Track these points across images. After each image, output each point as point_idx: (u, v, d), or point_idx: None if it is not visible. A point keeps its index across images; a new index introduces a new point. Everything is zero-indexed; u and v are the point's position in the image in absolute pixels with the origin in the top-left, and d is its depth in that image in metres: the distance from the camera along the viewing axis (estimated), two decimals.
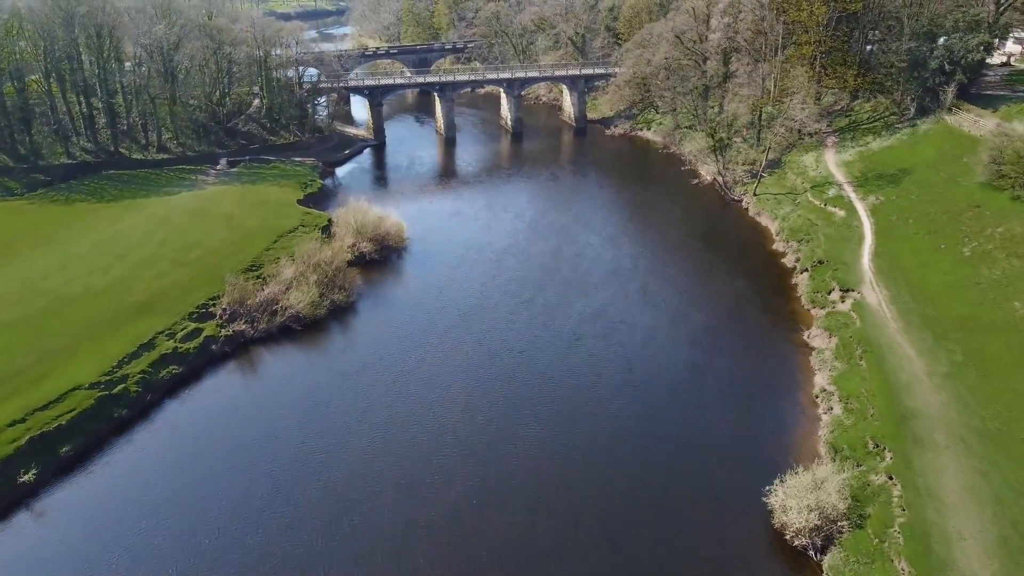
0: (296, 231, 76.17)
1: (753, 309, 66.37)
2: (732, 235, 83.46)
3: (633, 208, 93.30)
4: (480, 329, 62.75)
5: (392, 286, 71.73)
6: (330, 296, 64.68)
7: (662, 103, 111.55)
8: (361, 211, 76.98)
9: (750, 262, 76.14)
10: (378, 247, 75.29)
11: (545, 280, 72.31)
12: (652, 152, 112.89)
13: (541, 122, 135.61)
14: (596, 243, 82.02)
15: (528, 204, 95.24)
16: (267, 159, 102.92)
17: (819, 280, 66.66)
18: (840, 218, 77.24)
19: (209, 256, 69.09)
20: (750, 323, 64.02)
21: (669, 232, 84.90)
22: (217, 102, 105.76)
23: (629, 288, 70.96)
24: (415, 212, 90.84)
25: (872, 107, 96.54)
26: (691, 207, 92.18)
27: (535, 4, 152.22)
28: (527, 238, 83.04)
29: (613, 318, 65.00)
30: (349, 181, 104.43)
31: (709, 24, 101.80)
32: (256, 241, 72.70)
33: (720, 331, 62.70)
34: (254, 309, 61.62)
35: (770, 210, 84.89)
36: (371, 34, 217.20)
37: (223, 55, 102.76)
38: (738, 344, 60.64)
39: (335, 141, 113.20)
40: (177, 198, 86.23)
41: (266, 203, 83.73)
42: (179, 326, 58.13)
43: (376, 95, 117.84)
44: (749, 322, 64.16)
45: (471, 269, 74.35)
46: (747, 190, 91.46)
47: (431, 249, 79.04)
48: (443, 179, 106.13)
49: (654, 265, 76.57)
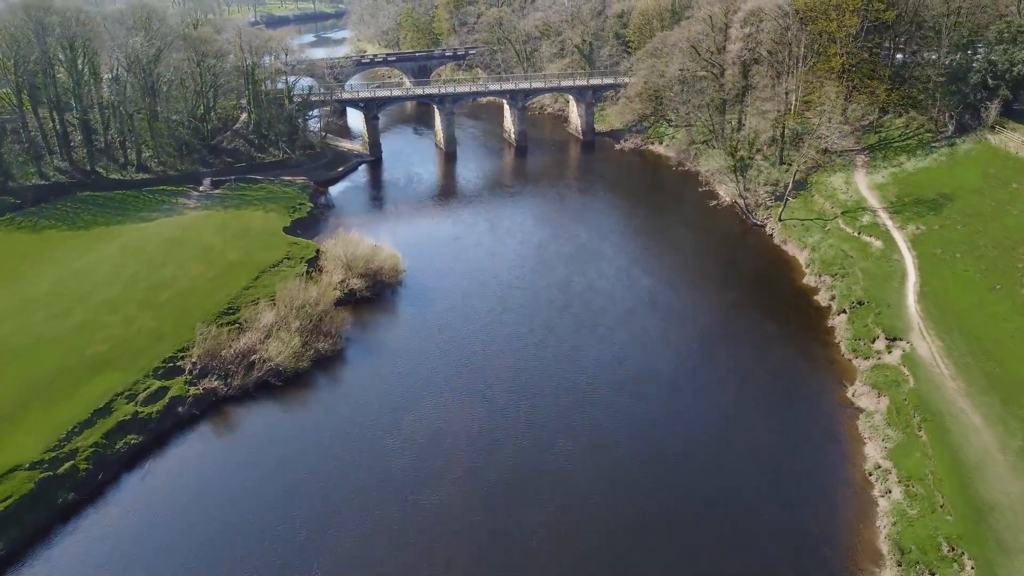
0: (280, 265, 69.38)
1: (786, 357, 59.46)
2: (757, 266, 76.54)
3: (647, 233, 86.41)
4: (484, 382, 55.96)
5: (385, 329, 64.91)
6: (314, 345, 57.88)
7: (676, 117, 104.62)
8: (352, 243, 70.19)
9: (779, 299, 69.25)
10: (370, 283, 68.48)
11: (555, 320, 65.54)
12: (665, 169, 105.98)
13: (546, 134, 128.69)
14: (609, 274, 75.24)
15: (534, 228, 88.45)
16: (254, 179, 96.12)
17: (860, 325, 59.75)
18: (877, 250, 70.33)
19: (181, 297, 62.32)
20: (784, 375, 57.11)
21: (688, 262, 78.04)
22: (201, 118, 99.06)
23: (647, 329, 64.22)
24: (412, 238, 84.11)
25: (904, 123, 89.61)
26: (710, 233, 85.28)
27: (539, 9, 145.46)
28: (534, 268, 76.28)
29: (631, 366, 58.26)
30: (342, 202, 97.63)
31: (727, 34, 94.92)
32: (235, 278, 65.93)
33: (751, 383, 55.85)
34: (228, 362, 54.83)
35: (798, 238, 77.97)
36: (370, 39, 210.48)
37: (207, 68, 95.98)
38: (772, 401, 53.78)
39: (328, 158, 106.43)
40: (154, 225, 79.49)
41: (249, 232, 76.93)
42: (142, 385, 51.35)
43: (372, 108, 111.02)
44: (783, 373, 57.26)
45: (473, 307, 67.57)
46: (771, 214, 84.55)
47: (429, 283, 72.23)
48: (442, 199, 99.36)
49: (673, 301, 69.73)
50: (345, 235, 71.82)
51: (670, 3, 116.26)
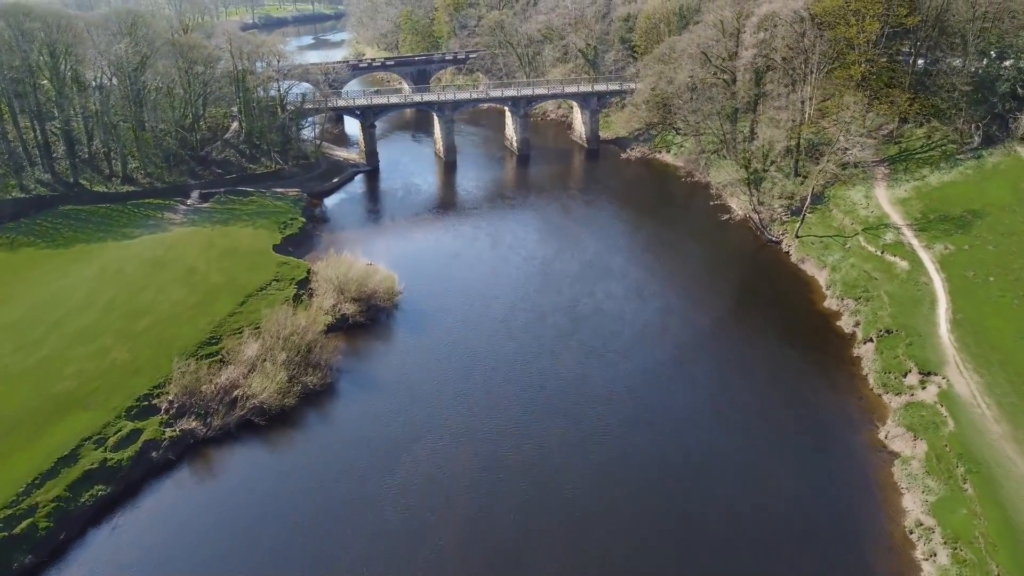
0: (268, 288, 65.21)
1: (809, 391, 55.24)
2: (774, 287, 72.28)
3: (657, 249, 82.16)
4: (485, 419, 51.84)
5: (379, 359, 60.69)
6: (302, 378, 53.70)
7: (685, 126, 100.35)
8: (344, 264, 65.99)
9: (799, 324, 65.02)
10: (364, 307, 64.28)
11: (561, 347, 61.42)
12: (673, 179, 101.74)
13: (549, 142, 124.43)
14: (617, 294, 71.12)
15: (538, 243, 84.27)
16: (245, 191, 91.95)
17: (889, 356, 55.50)
18: (903, 271, 66.09)
19: (160, 326, 58.14)
20: (808, 411, 52.86)
21: (700, 281, 73.80)
22: (189, 127, 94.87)
23: (659, 357, 60.14)
24: (409, 254, 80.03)
25: (926, 133, 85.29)
26: (723, 249, 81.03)
27: (542, 12, 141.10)
28: (538, 288, 72.13)
29: (643, 400, 54.19)
30: (337, 215, 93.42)
31: (739, 39, 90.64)
32: (219, 304, 61.76)
33: (772, 421, 51.65)
34: (208, 399, 50.67)
35: (816, 256, 73.73)
36: (369, 42, 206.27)
37: (195, 75, 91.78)
38: (796, 442, 49.60)
39: (322, 168, 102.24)
40: (136, 243, 75.32)
41: (236, 251, 72.73)
42: (112, 427, 47.19)
43: (368, 115, 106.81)
44: (807, 410, 53.01)
45: (474, 332, 63.42)
46: (787, 229, 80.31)
47: (427, 306, 68.03)
48: (442, 211, 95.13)
49: (686, 326, 65.56)
50: (337, 256, 67.55)
51: (678, 7, 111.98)
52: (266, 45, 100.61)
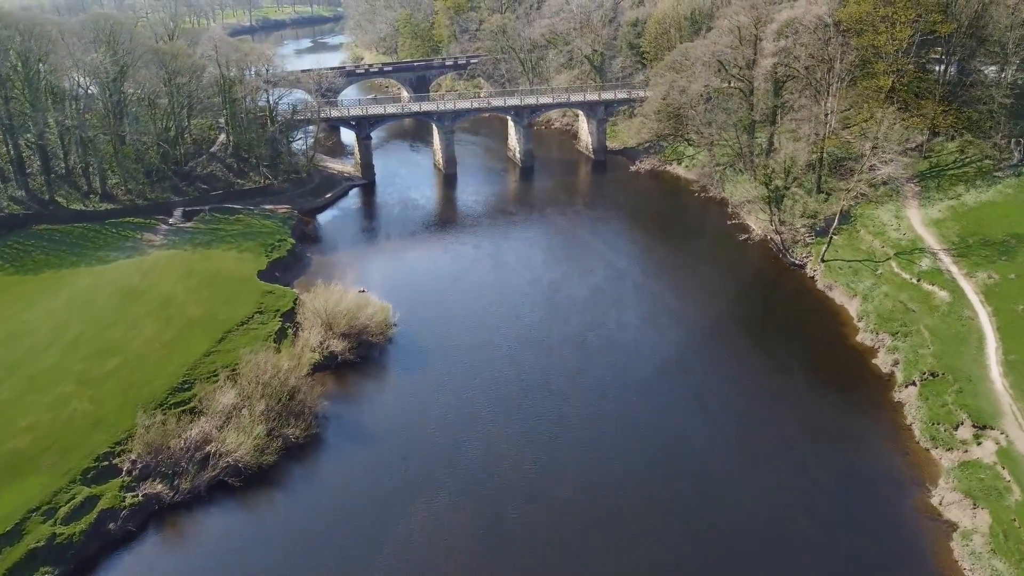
0: (250, 322, 59.74)
1: (846, 441, 49.63)
2: (800, 317, 66.66)
3: (671, 273, 76.54)
4: (488, 478, 46.43)
5: (371, 404, 55.15)
6: (283, 431, 48.19)
7: (699, 137, 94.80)
8: (334, 295, 60.44)
9: (830, 361, 59.45)
10: (354, 343, 58.74)
11: (571, 387, 55.99)
12: (686, 194, 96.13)
13: (554, 152, 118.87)
14: (630, 324, 65.72)
15: (543, 265, 78.77)
16: (231, 208, 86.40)
17: (936, 404, 49.90)
18: (943, 302, 60.49)
19: (129, 368, 52.65)
20: (846, 465, 47.20)
21: (720, 309, 68.20)
22: (173, 140, 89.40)
23: (677, 399, 54.91)
24: (405, 279, 74.61)
25: (958, 147, 79.72)
26: (742, 273, 75.47)
27: (546, 16, 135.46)
28: (544, 317, 66.70)
29: (661, 452, 48.90)
30: (329, 233, 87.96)
31: (758, 47, 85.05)
32: (195, 341, 56.27)
33: (805, 475, 46.26)
34: (177, 457, 45.20)
35: (845, 283, 68.13)
36: (367, 45, 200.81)
37: (178, 85, 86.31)
38: (835, 502, 44.07)
39: (315, 182, 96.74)
40: (111, 269, 69.85)
41: (217, 279, 67.24)
42: (65, 494, 41.71)
43: (364, 126, 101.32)
44: (845, 463, 47.37)
45: (476, 372, 57.93)
46: (811, 252, 74.74)
47: (424, 340, 62.54)
48: (441, 229, 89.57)
49: (706, 361, 60.16)
50: (326, 286, 61.97)
51: (689, 12, 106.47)
52: (255, 52, 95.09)
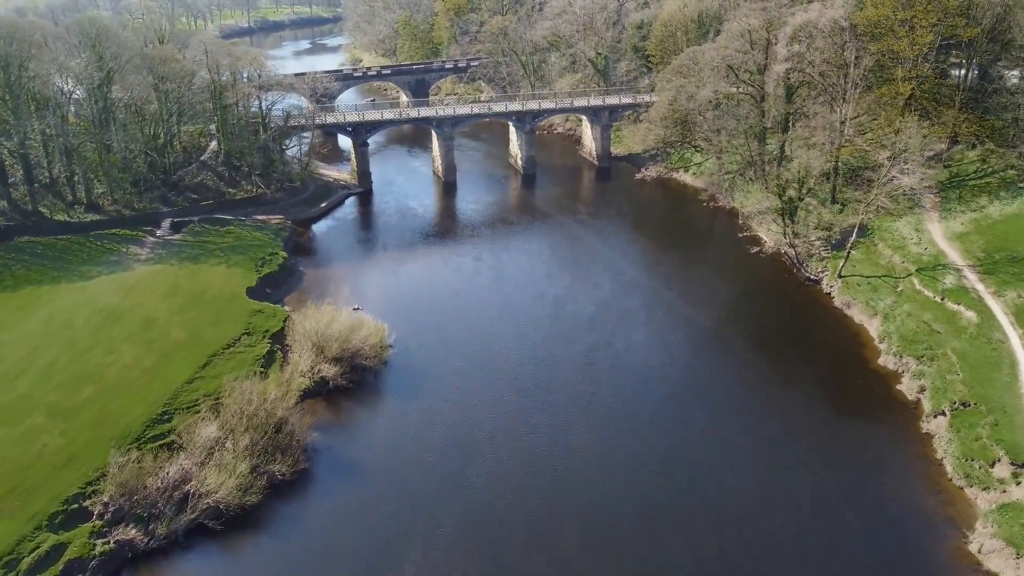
0: (237, 345, 56.45)
1: (871, 475, 46.36)
2: (817, 337, 63.28)
3: (680, 287, 73.06)
4: (489, 518, 43.21)
5: (363, 435, 51.85)
6: (268, 467, 44.90)
7: (707, 144, 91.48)
8: (325, 317, 57.10)
9: (850, 385, 56.14)
10: (347, 368, 55.39)
11: (578, 415, 52.86)
12: (694, 203, 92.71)
13: (556, 158, 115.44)
14: (640, 344, 62.58)
15: (546, 278, 75.50)
16: (222, 219, 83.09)
17: (969, 438, 46.57)
18: (970, 323, 57.15)
19: (105, 397, 49.37)
20: (873, 503, 43.97)
21: (733, 328, 64.91)
22: (161, 148, 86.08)
23: (694, 427, 51.94)
24: (402, 294, 71.38)
25: (979, 156, 76.34)
26: (755, 289, 72.19)
27: (548, 18, 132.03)
28: (549, 336, 63.55)
29: (677, 489, 45.76)
30: (323, 245, 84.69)
31: (770, 52, 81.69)
32: (177, 366, 52.99)
33: (830, 513, 43.06)
34: (153, 499, 41.91)
35: (864, 301, 64.77)
36: (366, 47, 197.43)
37: (166, 91, 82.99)
38: (862, 545, 40.87)
39: (310, 191, 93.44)
40: (93, 286, 66.57)
41: (204, 296, 63.99)
42: (29, 542, 38.44)
43: (360, 133, 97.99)
44: (871, 500, 44.15)
45: (477, 398, 54.67)
46: (827, 267, 71.41)
47: (421, 362, 59.25)
48: (440, 240, 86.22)
49: (720, 384, 57.05)
50: (317, 307, 58.69)
51: (696, 14, 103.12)
52: (246, 56, 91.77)
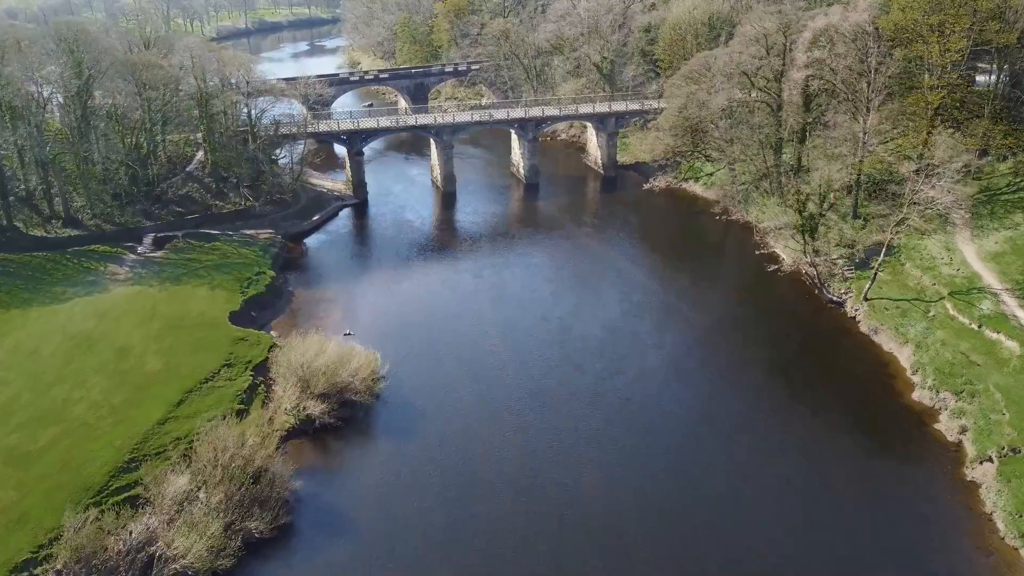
0: (216, 379, 51.98)
1: (911, 529, 42.05)
2: (842, 366, 58.72)
3: (694, 309, 68.38)
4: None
5: (352, 481, 47.29)
6: (245, 524, 40.41)
7: (720, 155, 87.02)
8: (312, 348, 52.55)
9: (882, 422, 51.63)
10: (335, 404, 50.87)
11: (586, 458, 48.53)
12: (705, 216, 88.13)
13: (560, 167, 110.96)
14: (653, 370, 58.53)
15: (551, 297, 71.14)
16: (208, 234, 78.70)
17: (1022, 489, 42.04)
18: (1013, 355, 52.60)
19: (68, 441, 44.88)
20: (915, 563, 39.49)
21: (751, 354, 60.50)
22: (144, 159, 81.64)
23: (715, 470, 47.64)
24: (397, 316, 66.95)
25: (1011, 169, 71.79)
26: (773, 311, 67.71)
27: (551, 21, 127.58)
28: (555, 363, 59.34)
29: (697, 537, 40.88)
30: (315, 262, 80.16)
31: (787, 58, 77.17)
32: (149, 404, 48.50)
33: (870, 570, 38.53)
34: (113, 563, 37.40)
35: (893, 327, 60.26)
36: (365, 49, 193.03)
37: (149, 99, 78.51)
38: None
39: (302, 203, 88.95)
40: (65, 310, 62.12)
41: (184, 321, 59.52)
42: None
43: (356, 141, 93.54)
44: (913, 561, 39.67)
45: (476, 438, 50.17)
46: (851, 288, 66.95)
47: (416, 396, 54.74)
48: (438, 256, 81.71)
49: (740, 417, 52.71)
50: (303, 338, 54.17)
51: (707, 17, 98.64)
52: (235, 61, 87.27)
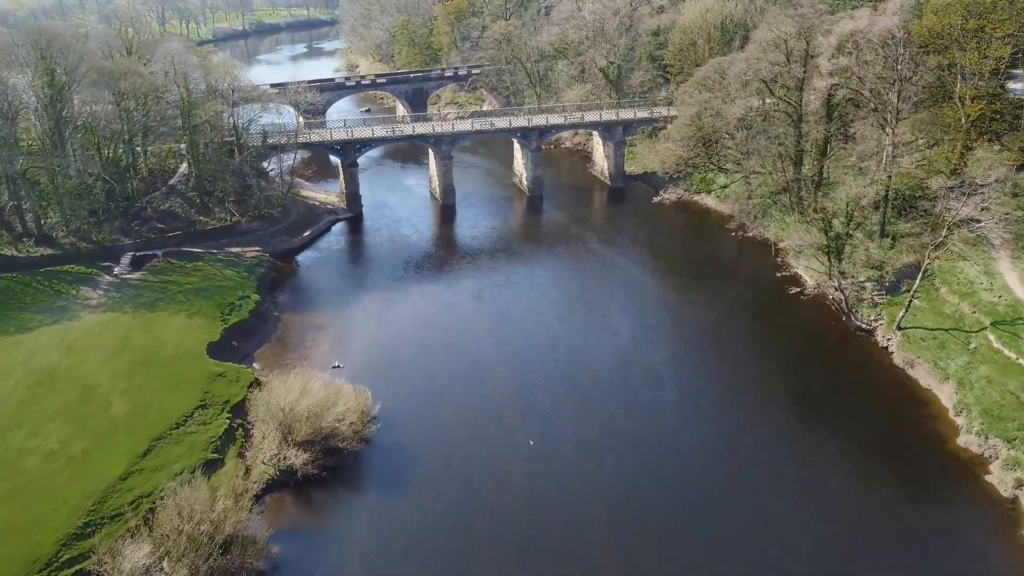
0: (189, 423, 47.00)
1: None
2: (877, 403, 53.66)
3: (713, 336, 63.45)
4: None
5: (338, 544, 42.17)
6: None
7: (735, 167, 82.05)
8: (295, 387, 47.59)
9: (925, 471, 46.88)
10: (319, 452, 45.91)
11: (601, 516, 43.66)
12: (719, 231, 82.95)
13: (564, 176, 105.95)
14: (668, 407, 54.24)
15: (558, 322, 66.43)
16: (191, 252, 73.88)
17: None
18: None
19: (18, 501, 39.89)
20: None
21: (777, 387, 55.71)
22: (123, 173, 76.67)
23: (740, 525, 42.43)
24: (391, 346, 62.11)
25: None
26: (798, 339, 62.63)
27: (555, 24, 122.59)
28: (564, 400, 54.86)
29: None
30: (304, 283, 75.23)
31: (809, 65, 72.21)
32: (112, 454, 43.55)
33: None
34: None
35: (931, 360, 55.23)
36: (363, 52, 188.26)
37: (127, 109, 73.57)
38: None
39: (292, 217, 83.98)
40: (30, 339, 57.13)
41: (157, 355, 54.54)
42: None
43: (349, 152, 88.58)
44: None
45: (476, 490, 45.30)
46: (882, 314, 61.97)
47: (410, 441, 49.70)
48: (436, 276, 76.62)
49: (765, 461, 48.01)
50: (285, 376, 49.23)
51: (720, 20, 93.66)
52: (220, 68, 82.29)
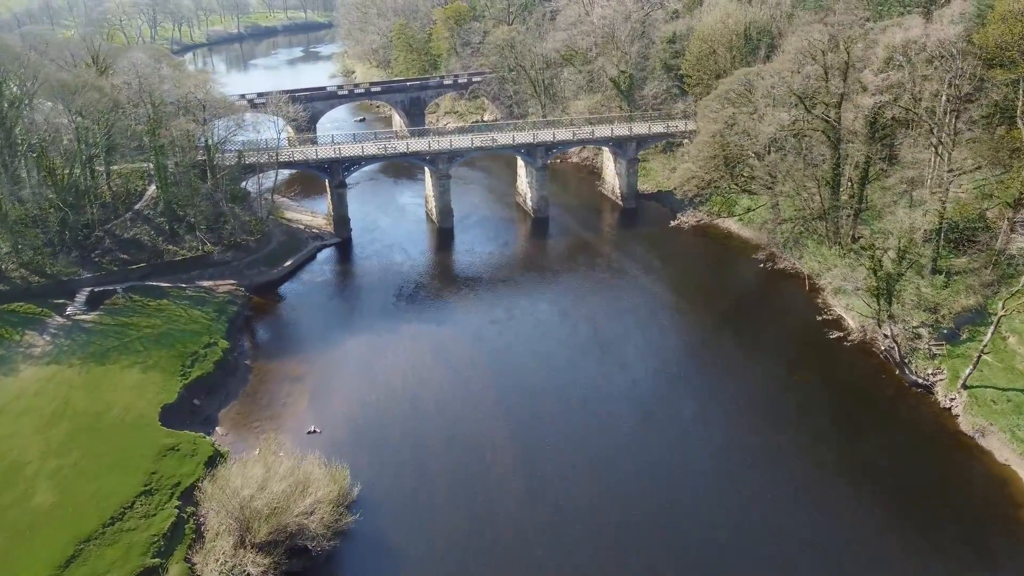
0: (127, 516, 38.97)
1: None
2: (941, 477, 45.76)
3: (747, 391, 55.22)
4: None
5: None
6: None
7: (767, 193, 74.04)
8: (255, 474, 39.56)
9: (1010, 568, 38.66)
10: (284, 555, 37.89)
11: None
12: (744, 260, 74.71)
13: (572, 196, 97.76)
14: (700, 481, 46.61)
15: (568, 368, 58.71)
16: (157, 287, 65.97)
17: None
18: None
19: None
20: None
21: (824, 455, 48.01)
22: (81, 197, 68.72)
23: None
24: (376, 403, 54.29)
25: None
26: (844, 395, 54.52)
27: (561, 29, 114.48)
28: (578, 473, 47.48)
29: None
30: (282, 322, 67.39)
31: (848, 77, 64.21)
32: (27, 563, 35.61)
33: None
34: None
35: (1007, 428, 47.13)
36: (360, 57, 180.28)
37: (84, 128, 65.67)
38: None
39: (272, 245, 75.91)
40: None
41: (102, 421, 46.49)
42: None
43: (337, 171, 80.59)
44: None
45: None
46: (941, 367, 53.90)
47: (395, 533, 41.79)
48: (431, 313, 68.50)
49: (816, 548, 40.67)
50: (243, 464, 41.22)
51: (743, 27, 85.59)
52: (191, 80, 74.32)
